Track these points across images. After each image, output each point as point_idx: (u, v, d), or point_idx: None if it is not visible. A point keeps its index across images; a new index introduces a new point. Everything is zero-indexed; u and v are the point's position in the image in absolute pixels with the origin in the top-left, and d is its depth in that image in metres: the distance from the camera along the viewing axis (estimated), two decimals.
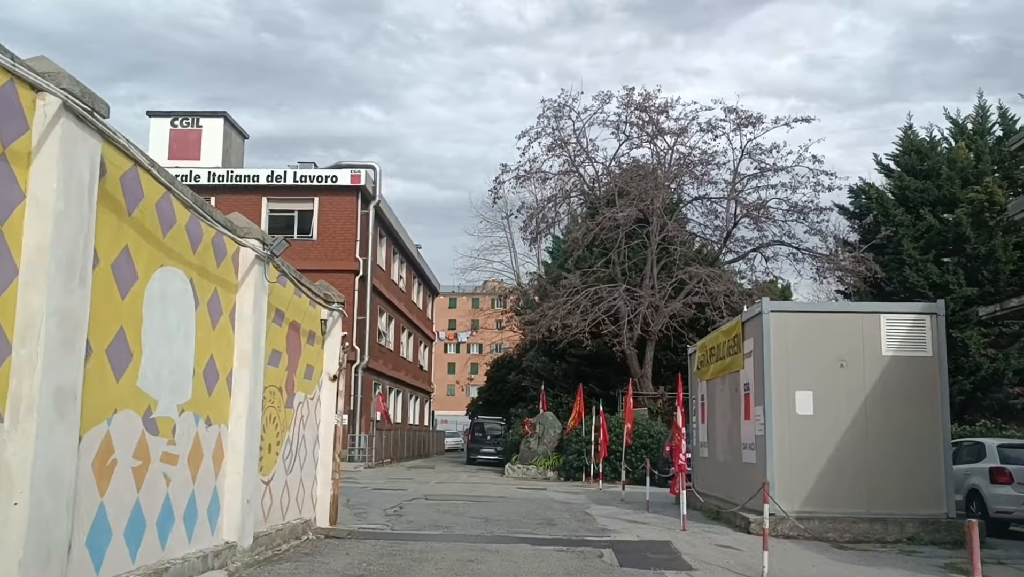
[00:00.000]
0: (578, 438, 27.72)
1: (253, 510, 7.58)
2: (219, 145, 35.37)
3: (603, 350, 32.52)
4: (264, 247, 7.84)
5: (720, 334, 15.29)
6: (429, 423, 56.16)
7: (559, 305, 28.88)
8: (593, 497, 19.20)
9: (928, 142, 32.94)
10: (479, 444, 38.09)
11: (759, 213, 29.70)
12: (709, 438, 16.31)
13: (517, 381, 37.44)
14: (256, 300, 7.59)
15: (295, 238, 33.76)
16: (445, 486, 21.88)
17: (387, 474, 27.88)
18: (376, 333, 37.57)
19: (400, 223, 42.82)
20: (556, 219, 31.50)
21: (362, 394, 33.67)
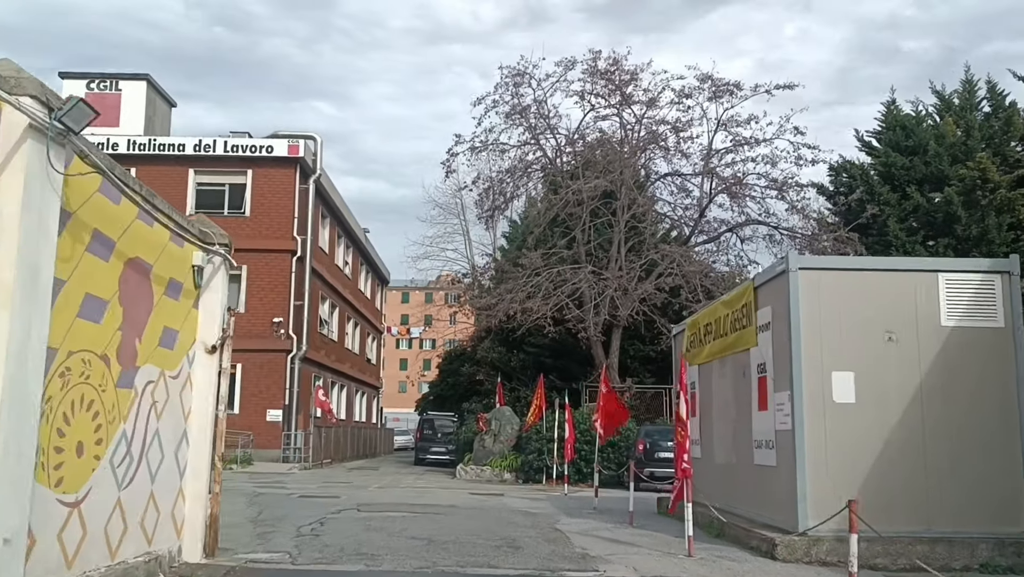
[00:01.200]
0: (538, 435, 24.84)
1: (17, 553, 4.47)
2: (141, 111, 31.76)
3: (566, 339, 29.74)
4: (48, 112, 4.70)
5: (720, 306, 12.46)
6: (377, 420, 52.83)
7: (518, 287, 25.93)
8: (560, 505, 16.28)
9: (913, 117, 30.69)
10: (429, 443, 34.98)
11: (737, 188, 27.05)
12: (702, 435, 13.49)
13: (471, 374, 34.40)
14: (29, 197, 4.50)
15: (225, 214, 30.47)
16: (386, 492, 18.80)
17: (324, 477, 24.68)
18: (317, 321, 34.26)
19: (346, 204, 39.51)
20: (515, 194, 28.53)
21: (299, 387, 30.38)
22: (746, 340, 11.11)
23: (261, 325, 30.20)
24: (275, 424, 29.68)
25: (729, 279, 28.35)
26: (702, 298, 26.79)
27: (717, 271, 28.14)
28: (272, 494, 17.32)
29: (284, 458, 29.41)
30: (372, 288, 50.07)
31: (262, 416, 29.65)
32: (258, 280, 30.41)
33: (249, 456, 28.14)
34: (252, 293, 30.35)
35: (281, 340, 30.09)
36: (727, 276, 28.34)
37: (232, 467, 26.84)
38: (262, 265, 30.51)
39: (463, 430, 30.27)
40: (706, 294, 27.26)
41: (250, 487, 19.18)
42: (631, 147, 28.12)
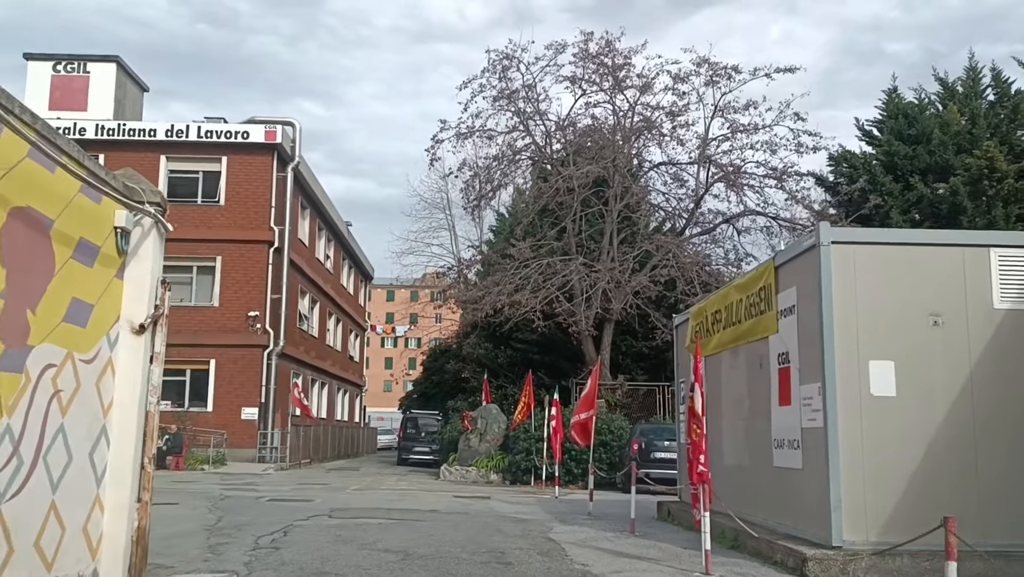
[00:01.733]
0: (526, 434, 23.57)
1: None
2: (110, 95, 30.27)
3: (555, 334, 28.52)
4: None
5: (732, 290, 11.22)
6: (360, 419, 51.43)
7: (506, 280, 24.65)
8: (551, 509, 15.02)
9: (916, 105, 29.62)
10: (412, 442, 33.65)
11: (735, 176, 25.86)
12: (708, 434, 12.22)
13: (456, 371, 33.10)
14: None
15: (199, 203, 29.06)
16: (363, 495, 17.48)
17: (300, 478, 23.33)
18: (296, 316, 32.87)
19: (327, 195, 38.12)
20: (503, 182, 27.24)
21: (276, 384, 28.99)
22: (764, 327, 9.88)
23: (236, 319, 28.80)
24: (250, 423, 28.29)
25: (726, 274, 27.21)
26: (699, 291, 25.60)
27: (715, 263, 26.96)
28: (239, 498, 15.98)
29: (260, 458, 28.03)
30: (355, 284, 48.67)
31: (237, 414, 28.25)
32: (233, 272, 29.01)
33: (223, 456, 26.76)
34: (227, 286, 28.94)
35: (257, 335, 28.70)
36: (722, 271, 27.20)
37: (204, 468, 25.48)
38: (237, 256, 29.11)
39: (448, 429, 29.00)
40: (703, 287, 26.10)
41: (217, 490, 17.83)
42: (624, 133, 26.90)
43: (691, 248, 26.84)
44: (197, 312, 28.91)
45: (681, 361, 14.16)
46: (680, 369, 14.23)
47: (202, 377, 28.58)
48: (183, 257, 29.03)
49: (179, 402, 28.24)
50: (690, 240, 27.25)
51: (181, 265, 29.26)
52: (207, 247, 29.00)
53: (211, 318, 28.82)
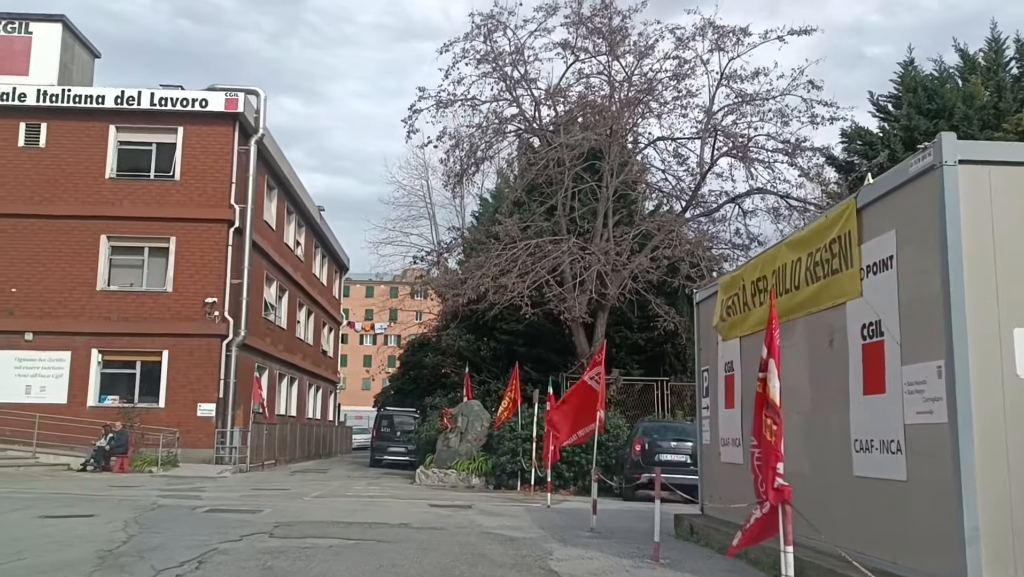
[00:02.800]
0: (512, 434, 21.11)
1: None
2: (55, 58, 27.48)
3: (543, 324, 26.08)
4: None
5: (784, 249, 8.75)
6: (334, 417, 48.74)
7: (491, 261, 22.15)
8: (545, 523, 12.53)
9: (936, 78, 27.42)
10: (387, 442, 31.06)
11: (744, 149, 23.46)
12: (744, 434, 9.81)
13: (436, 365, 30.55)
14: None
15: (152, 178, 26.41)
16: (323, 504, 14.91)
17: (258, 482, 20.74)
18: (261, 304, 30.20)
19: (297, 176, 35.46)
20: (488, 154, 24.68)
21: (236, 378, 26.32)
22: (838, 291, 7.43)
23: (191, 306, 26.11)
24: (207, 420, 25.60)
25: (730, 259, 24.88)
26: (705, 274, 23.26)
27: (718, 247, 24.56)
28: (173, 508, 13.39)
29: (218, 459, 25.35)
30: (329, 275, 45.99)
31: (192, 411, 25.57)
32: (188, 254, 26.32)
33: (174, 457, 24.08)
34: (181, 269, 26.24)
35: (215, 323, 26.01)
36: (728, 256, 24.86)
37: (151, 470, 22.82)
38: (193, 236, 26.42)
39: (425, 427, 26.46)
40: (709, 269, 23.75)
41: (153, 497, 15.24)
42: (620, 102, 24.42)
43: (696, 227, 24.43)
44: (148, 298, 26.20)
45: (705, 345, 11.71)
46: (704, 355, 11.77)
47: (154, 370, 25.86)
48: (134, 237, 26.39)
49: (128, 397, 25.53)
50: (695, 220, 24.81)
51: (131, 246, 26.60)
52: (160, 226, 26.31)
53: (164, 305, 26.11)
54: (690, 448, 17.58)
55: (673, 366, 26.31)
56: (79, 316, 25.72)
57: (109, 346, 25.76)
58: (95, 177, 26.42)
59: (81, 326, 25.55)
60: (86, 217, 26.04)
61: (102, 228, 26.17)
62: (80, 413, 24.95)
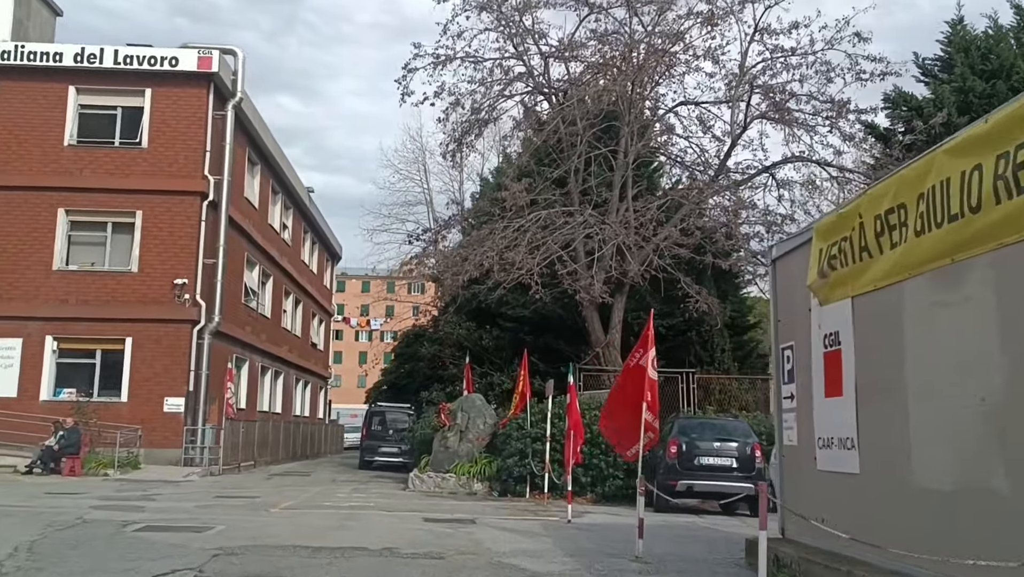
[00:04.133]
0: (520, 432, 18.34)
1: None
2: (8, 12, 24.63)
3: (552, 310, 23.40)
4: None
5: (946, 157, 5.89)
6: (325, 415, 45.91)
7: (496, 233, 19.33)
8: (572, 547, 9.72)
9: (990, 37, 24.62)
10: (378, 441, 28.20)
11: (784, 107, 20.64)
12: (862, 432, 7.01)
13: (432, 355, 27.78)
14: None
15: (116, 145, 23.63)
16: (291, 519, 12.10)
17: (226, 488, 17.95)
18: (240, 289, 27.37)
19: (283, 153, 32.62)
20: (491, 117, 21.79)
21: (209, 369, 23.49)
22: None
23: (159, 288, 23.29)
24: (175, 416, 22.78)
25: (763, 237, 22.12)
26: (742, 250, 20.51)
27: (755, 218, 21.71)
28: (98, 525, 10.57)
29: (187, 460, 22.53)
30: (320, 263, 43.14)
31: (158, 406, 22.75)
32: (156, 230, 23.49)
33: (136, 458, 21.26)
34: (148, 247, 23.40)
35: (185, 307, 23.18)
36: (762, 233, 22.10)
37: (107, 473, 20.04)
38: (162, 210, 23.59)
39: (420, 425, 23.66)
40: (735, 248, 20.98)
41: (84, 508, 12.43)
42: (640, 61, 21.58)
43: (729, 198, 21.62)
44: (111, 279, 23.37)
45: (787, 314, 8.89)
46: (784, 328, 8.96)
47: (116, 359, 23.03)
48: (96, 211, 23.57)
49: (86, 390, 22.64)
50: (724, 191, 21.95)
51: (93, 221, 23.77)
52: (125, 199, 23.47)
53: (128, 287, 23.27)
54: (735, 449, 14.84)
55: (699, 357, 23.53)
56: (32, 299, 22.89)
57: (65, 332, 22.93)
58: (52, 144, 23.58)
59: (34, 310, 22.73)
60: (42, 188, 23.22)
61: (60, 201, 23.33)
62: (32, 408, 22.13)
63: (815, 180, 22.85)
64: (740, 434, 15.10)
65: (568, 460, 13.44)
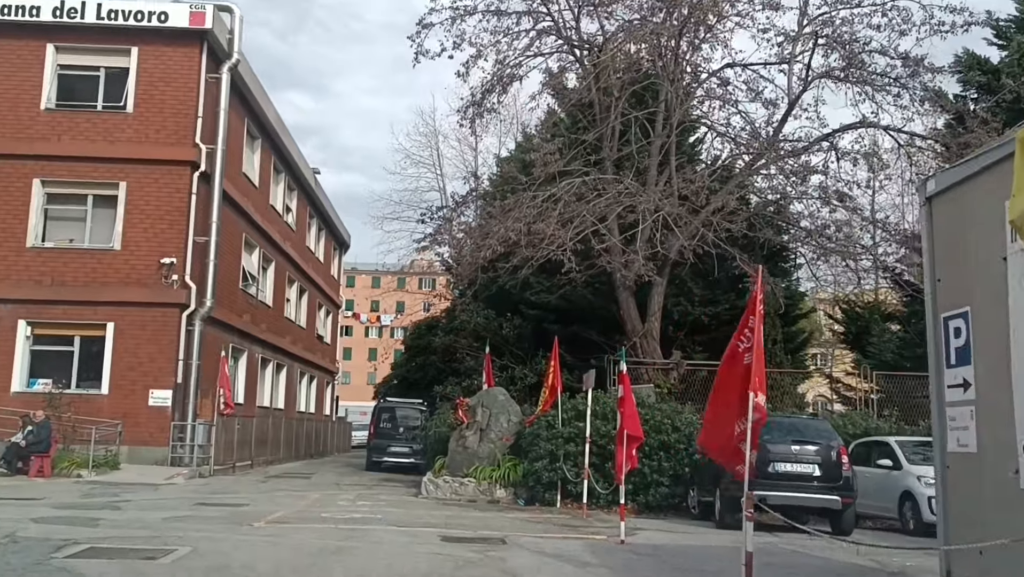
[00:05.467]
0: (551, 432, 15.88)
1: None
2: None
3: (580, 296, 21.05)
4: None
5: None
6: (332, 411, 43.53)
7: (523, 203, 16.84)
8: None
9: None
10: (387, 440, 25.72)
11: (855, 58, 18.06)
12: None
13: (446, 346, 25.33)
14: None
15: (99, 109, 21.30)
16: (276, 537, 9.64)
17: (211, 493, 15.56)
18: (237, 272, 24.98)
19: (288, 130, 30.21)
20: (516, 75, 19.26)
21: (200, 359, 21.10)
22: None
23: (144, 268, 20.90)
24: (162, 410, 20.39)
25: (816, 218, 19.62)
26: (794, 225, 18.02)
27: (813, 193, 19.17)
28: (29, 546, 8.18)
29: (175, 460, 20.15)
30: (327, 251, 40.72)
31: (143, 399, 20.36)
32: (142, 203, 21.10)
33: (115, 457, 18.87)
34: (132, 222, 21.01)
35: (173, 290, 20.78)
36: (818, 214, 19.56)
37: (80, 474, 17.69)
38: (149, 182, 21.20)
39: (434, 422, 21.21)
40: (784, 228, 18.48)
41: (27, 520, 10.03)
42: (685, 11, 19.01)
43: (785, 168, 19.04)
44: (91, 257, 21.00)
45: (955, 268, 6.40)
46: (949, 288, 6.46)
47: (96, 347, 20.66)
48: (75, 182, 21.21)
49: (63, 381, 20.23)
50: (781, 159, 19.32)
51: (72, 193, 21.41)
52: (108, 169, 21.09)
53: (110, 266, 20.90)
54: (816, 454, 12.33)
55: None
56: (3, 279, 20.53)
57: (40, 316, 20.58)
58: (27, 108, 21.21)
59: (5, 291, 20.37)
60: (15, 156, 20.85)
61: (35, 170, 20.97)
62: (2, 400, 19.80)
63: (877, 150, 20.27)
64: (821, 436, 12.58)
65: (620, 466, 10.93)
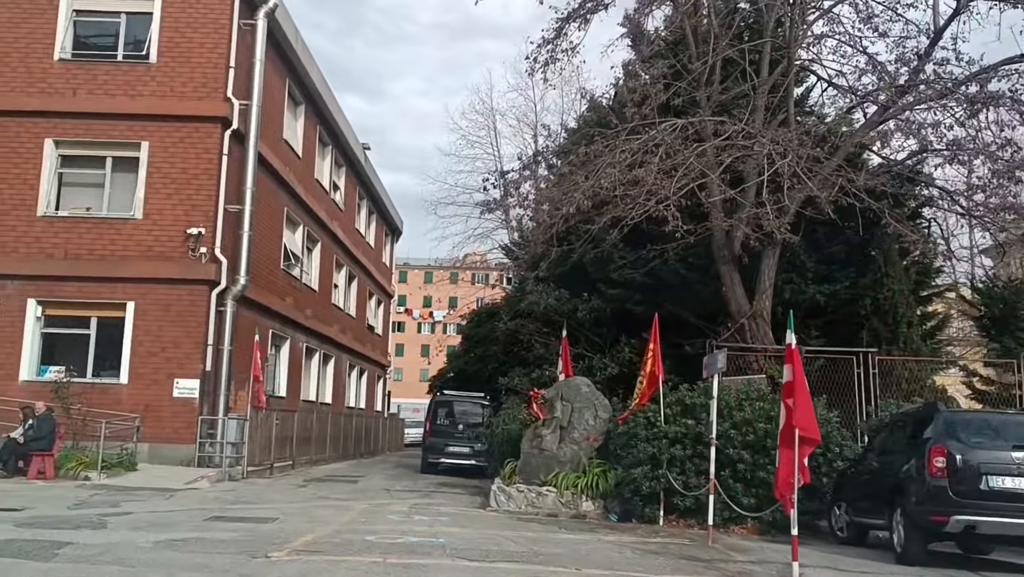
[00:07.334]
0: (652, 432, 12.68)
1: None
2: None
3: (671, 271, 17.81)
4: None
5: None
6: (383, 407, 40.81)
7: (617, 149, 13.60)
8: None
9: None
10: (444, 438, 22.62)
11: None
12: None
13: (511, 333, 22.19)
14: None
15: (119, 59, 18.67)
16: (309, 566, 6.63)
17: (236, 500, 12.71)
18: (277, 248, 22.23)
19: (332, 93, 27.36)
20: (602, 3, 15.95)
21: (232, 344, 18.35)
22: None
23: (169, 240, 18.20)
24: (188, 403, 17.67)
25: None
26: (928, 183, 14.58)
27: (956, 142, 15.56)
28: None
29: (202, 460, 17.41)
30: (378, 236, 37.94)
31: (166, 389, 17.67)
32: (166, 166, 18.41)
33: (131, 456, 16.18)
34: (155, 187, 18.34)
35: (200, 264, 18.05)
36: None
37: (90, 476, 15.04)
38: (174, 141, 18.51)
39: (501, 418, 18.13)
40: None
41: None
42: None
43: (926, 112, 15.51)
44: (109, 228, 18.36)
45: None
46: None
47: (114, 329, 18.02)
48: (92, 142, 18.60)
49: (77, 369, 17.63)
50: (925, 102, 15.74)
51: (88, 156, 18.79)
52: (128, 127, 18.46)
53: (131, 237, 18.24)
54: None
55: (877, 334, 17.46)
56: (11, 252, 18.02)
57: (52, 294, 18.00)
58: (39, 58, 18.66)
59: (13, 266, 17.85)
60: (25, 113, 18.32)
61: (47, 129, 18.40)
62: (10, 390, 17.26)
63: None
64: None
65: (785, 480, 7.67)
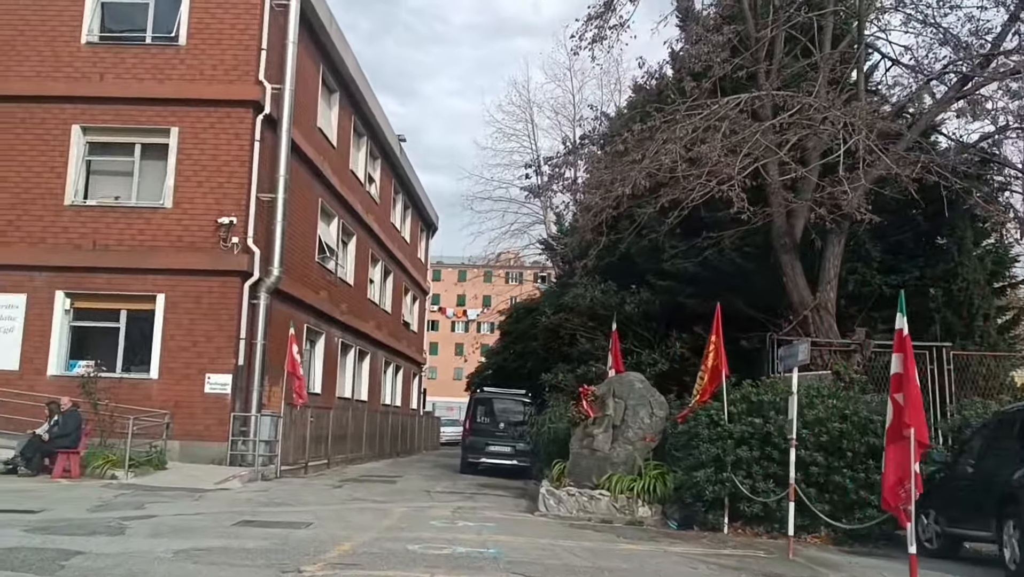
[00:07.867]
0: (716, 431, 11.66)
1: None
2: None
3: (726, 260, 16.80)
4: None
5: None
6: (419, 405, 40.02)
7: (676, 125, 12.56)
8: None
9: None
10: (485, 437, 21.67)
11: None
12: None
13: (553, 328, 21.20)
14: None
15: (148, 41, 18.00)
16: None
17: (268, 502, 11.91)
18: (312, 240, 21.47)
19: (368, 82, 26.55)
20: None
21: (266, 338, 17.58)
22: None
23: (199, 229, 17.49)
24: (220, 399, 16.94)
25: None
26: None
27: None
28: None
29: (234, 458, 16.66)
30: (414, 231, 37.16)
31: (198, 385, 16.95)
32: (196, 152, 17.70)
33: (160, 454, 15.46)
34: (185, 175, 17.63)
35: (232, 255, 17.31)
36: None
37: (116, 474, 14.32)
38: (204, 127, 17.79)
39: (547, 416, 17.16)
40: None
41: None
42: None
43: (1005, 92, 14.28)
44: (138, 217, 17.70)
45: None
46: None
47: (144, 323, 17.36)
48: (120, 128, 17.95)
49: (106, 363, 16.95)
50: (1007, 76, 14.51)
51: (117, 142, 18.13)
52: (157, 112, 17.79)
53: (160, 227, 17.56)
54: None
55: (951, 327, 16.23)
56: (38, 243, 17.42)
57: (81, 287, 17.38)
58: (66, 42, 18.05)
59: (41, 257, 17.25)
60: (51, 99, 17.72)
61: (75, 114, 17.78)
62: (38, 385, 16.67)
63: None
64: None
65: (893, 487, 6.64)
